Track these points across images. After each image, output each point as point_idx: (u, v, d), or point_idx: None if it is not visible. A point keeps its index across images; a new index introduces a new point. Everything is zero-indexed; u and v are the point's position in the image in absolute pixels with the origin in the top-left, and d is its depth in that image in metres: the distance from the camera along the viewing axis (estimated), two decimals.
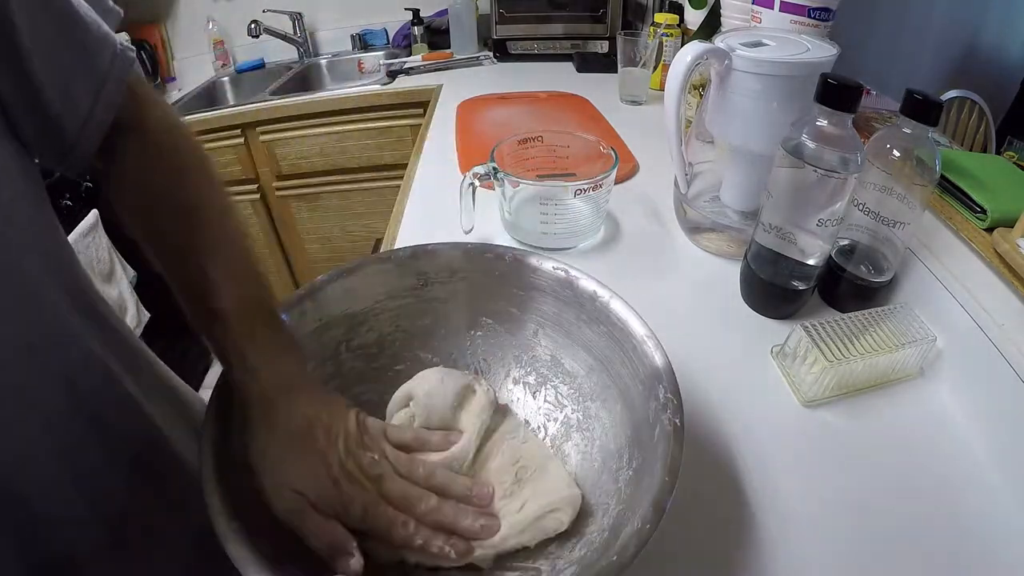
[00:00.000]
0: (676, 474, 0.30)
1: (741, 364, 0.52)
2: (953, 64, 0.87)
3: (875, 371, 0.48)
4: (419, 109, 1.35)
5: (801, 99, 0.50)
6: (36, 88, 0.31)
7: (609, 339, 0.39)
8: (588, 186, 0.61)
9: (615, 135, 0.96)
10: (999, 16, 0.80)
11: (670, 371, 0.35)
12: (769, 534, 0.38)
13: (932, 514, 0.40)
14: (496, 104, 1.12)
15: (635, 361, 0.37)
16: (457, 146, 0.95)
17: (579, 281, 0.41)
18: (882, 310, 0.50)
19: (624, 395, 0.38)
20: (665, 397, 0.34)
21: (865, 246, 0.54)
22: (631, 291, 0.41)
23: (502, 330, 0.45)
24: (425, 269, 0.44)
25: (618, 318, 0.39)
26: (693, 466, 0.42)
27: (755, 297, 0.57)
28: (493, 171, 0.62)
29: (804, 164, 0.46)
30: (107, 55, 0.34)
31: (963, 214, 0.50)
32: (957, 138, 0.72)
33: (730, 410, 0.46)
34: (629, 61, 1.07)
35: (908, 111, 0.46)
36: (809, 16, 0.63)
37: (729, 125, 0.58)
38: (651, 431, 0.34)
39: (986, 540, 0.38)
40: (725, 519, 0.39)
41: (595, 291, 0.40)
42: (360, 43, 1.77)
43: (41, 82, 0.31)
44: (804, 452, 0.44)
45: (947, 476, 0.42)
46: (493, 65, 1.46)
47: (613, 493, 0.35)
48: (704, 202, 0.66)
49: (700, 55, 0.53)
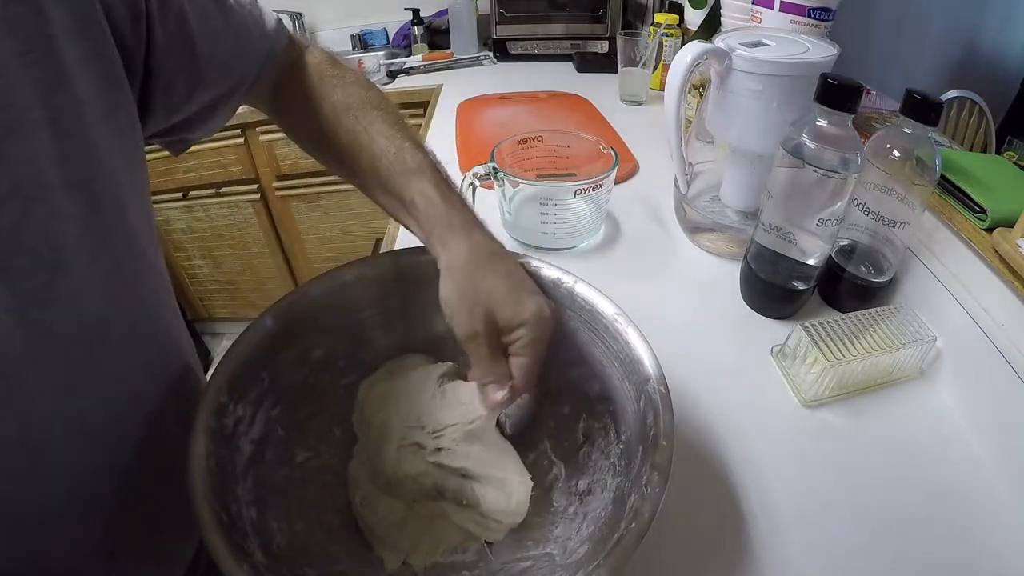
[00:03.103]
0: (672, 437, 0.31)
1: (741, 364, 0.52)
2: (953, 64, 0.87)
3: (875, 371, 0.48)
4: (419, 109, 1.35)
5: (801, 99, 0.50)
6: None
7: (579, 322, 0.40)
8: (588, 186, 0.61)
9: (615, 135, 0.96)
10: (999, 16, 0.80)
11: (649, 351, 0.35)
12: (768, 534, 0.38)
13: (932, 514, 0.40)
14: (496, 104, 1.12)
15: (608, 340, 0.38)
16: (457, 146, 0.95)
17: (541, 271, 0.41)
18: (882, 310, 0.50)
19: (601, 375, 0.39)
20: (646, 371, 0.34)
21: (865, 246, 0.54)
22: (631, 291, 0.41)
23: None
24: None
25: (585, 300, 0.39)
26: (692, 466, 0.42)
27: (755, 297, 0.57)
28: (493, 171, 0.62)
29: (804, 164, 0.46)
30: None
31: (963, 214, 0.50)
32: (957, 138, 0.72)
33: (730, 410, 0.46)
34: (629, 61, 1.07)
35: (908, 111, 0.46)
36: (809, 16, 0.63)
37: (729, 125, 0.58)
38: (636, 404, 0.35)
39: (986, 540, 0.38)
40: (724, 519, 0.39)
41: (558, 278, 0.40)
42: (360, 43, 1.76)
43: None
44: (804, 452, 0.44)
45: (947, 476, 0.42)
46: (493, 65, 1.46)
47: (607, 468, 0.36)
48: (704, 202, 0.66)
49: (700, 55, 0.53)
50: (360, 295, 0.42)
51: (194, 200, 1.56)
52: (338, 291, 0.41)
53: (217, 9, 0.37)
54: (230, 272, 1.75)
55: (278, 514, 0.34)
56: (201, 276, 1.77)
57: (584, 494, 0.37)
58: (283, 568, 0.30)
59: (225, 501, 0.29)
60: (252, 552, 0.28)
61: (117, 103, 0.31)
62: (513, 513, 0.36)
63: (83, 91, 0.28)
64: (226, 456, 0.31)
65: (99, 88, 0.29)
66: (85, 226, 0.29)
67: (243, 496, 0.31)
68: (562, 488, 0.39)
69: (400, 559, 0.36)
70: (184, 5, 0.34)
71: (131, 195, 0.33)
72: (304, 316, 0.39)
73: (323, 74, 0.45)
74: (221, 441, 0.31)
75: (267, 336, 0.37)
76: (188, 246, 1.68)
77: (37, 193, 0.26)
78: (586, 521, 0.35)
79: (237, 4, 0.40)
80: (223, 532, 0.27)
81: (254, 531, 0.30)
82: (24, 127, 0.25)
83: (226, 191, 1.54)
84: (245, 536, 0.29)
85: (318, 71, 0.45)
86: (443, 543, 0.37)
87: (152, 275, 0.35)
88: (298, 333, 0.39)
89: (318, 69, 0.45)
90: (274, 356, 0.37)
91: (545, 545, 0.36)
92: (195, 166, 1.50)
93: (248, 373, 0.35)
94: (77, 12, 0.28)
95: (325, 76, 0.44)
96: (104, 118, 0.30)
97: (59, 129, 0.27)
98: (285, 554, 0.32)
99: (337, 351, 0.41)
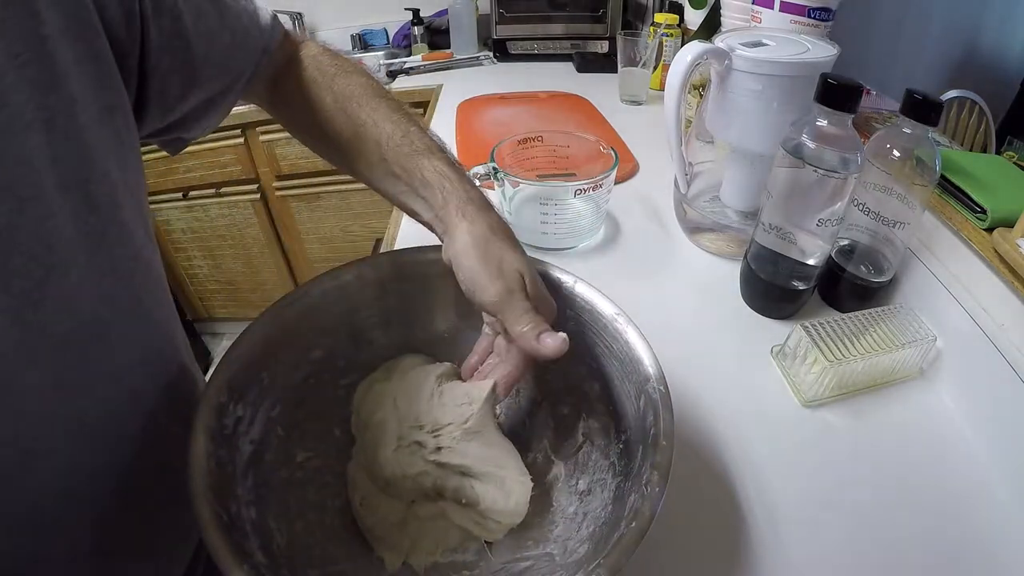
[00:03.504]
0: (672, 437, 0.31)
1: (741, 364, 0.52)
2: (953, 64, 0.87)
3: (875, 371, 0.48)
4: (419, 109, 1.35)
5: (801, 99, 0.50)
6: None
7: (579, 322, 0.40)
8: (588, 186, 0.61)
9: (615, 135, 0.96)
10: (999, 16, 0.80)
11: (649, 350, 0.35)
12: (768, 534, 0.38)
13: (932, 514, 0.40)
14: (496, 104, 1.12)
15: (608, 340, 0.38)
16: (457, 146, 0.95)
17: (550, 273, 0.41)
18: (882, 310, 0.50)
19: (601, 376, 0.39)
20: (646, 371, 0.34)
21: (865, 246, 0.54)
22: (631, 291, 0.41)
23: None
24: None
25: (585, 300, 0.39)
26: (691, 466, 0.42)
27: (755, 297, 0.57)
28: (493, 171, 0.62)
29: (804, 164, 0.46)
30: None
31: (963, 214, 0.50)
32: (957, 138, 0.72)
33: (730, 410, 0.46)
34: (629, 61, 1.07)
35: (908, 111, 0.46)
36: (809, 16, 0.63)
37: (729, 125, 0.58)
38: (636, 403, 0.35)
39: (986, 540, 0.38)
40: (723, 519, 0.39)
41: (558, 278, 0.40)
42: (360, 43, 1.77)
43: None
44: (804, 452, 0.44)
45: (947, 476, 0.42)
46: (493, 65, 1.46)
47: (607, 468, 0.36)
48: (704, 202, 0.66)
49: (700, 55, 0.53)
50: (360, 295, 0.42)
51: (194, 200, 1.56)
52: (338, 291, 0.41)
53: (212, 6, 0.37)
54: (230, 272, 1.75)
55: (278, 514, 0.33)
56: (201, 276, 1.77)
57: (584, 494, 0.37)
58: (283, 568, 0.30)
59: (225, 501, 0.29)
60: (252, 552, 0.28)
61: (112, 103, 0.31)
62: (512, 513, 0.36)
63: (77, 91, 0.28)
64: (226, 456, 0.31)
65: (93, 88, 0.29)
66: (80, 226, 0.29)
67: (243, 496, 0.31)
68: (562, 488, 0.39)
69: (400, 559, 0.36)
70: (178, 3, 0.34)
71: (126, 195, 0.33)
72: (304, 316, 0.39)
73: (322, 65, 0.45)
74: (221, 441, 0.31)
75: (267, 336, 0.37)
76: (188, 246, 1.68)
77: (31, 193, 0.26)
78: (586, 521, 0.35)
79: (232, 1, 0.40)
80: (223, 532, 0.27)
81: (254, 531, 0.30)
82: (18, 128, 0.25)
83: (226, 191, 1.55)
84: (245, 536, 0.29)
85: (316, 63, 0.45)
86: (443, 543, 0.37)
87: (148, 275, 0.35)
88: (298, 333, 0.39)
89: (316, 61, 0.45)
90: (274, 356, 0.37)
91: (545, 545, 0.36)
92: (195, 166, 1.50)
93: (248, 373, 0.35)
94: (70, 13, 0.28)
95: (324, 67, 0.44)
96: (99, 118, 0.30)
97: (53, 130, 0.27)
98: (285, 554, 0.32)
99: (336, 351, 0.41)
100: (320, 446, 0.40)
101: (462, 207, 0.37)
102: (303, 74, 0.44)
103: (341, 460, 0.40)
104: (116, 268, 0.32)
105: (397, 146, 0.40)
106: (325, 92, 0.43)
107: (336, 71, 0.44)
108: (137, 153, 0.35)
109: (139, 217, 0.34)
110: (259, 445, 0.35)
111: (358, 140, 0.41)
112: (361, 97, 0.42)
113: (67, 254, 0.28)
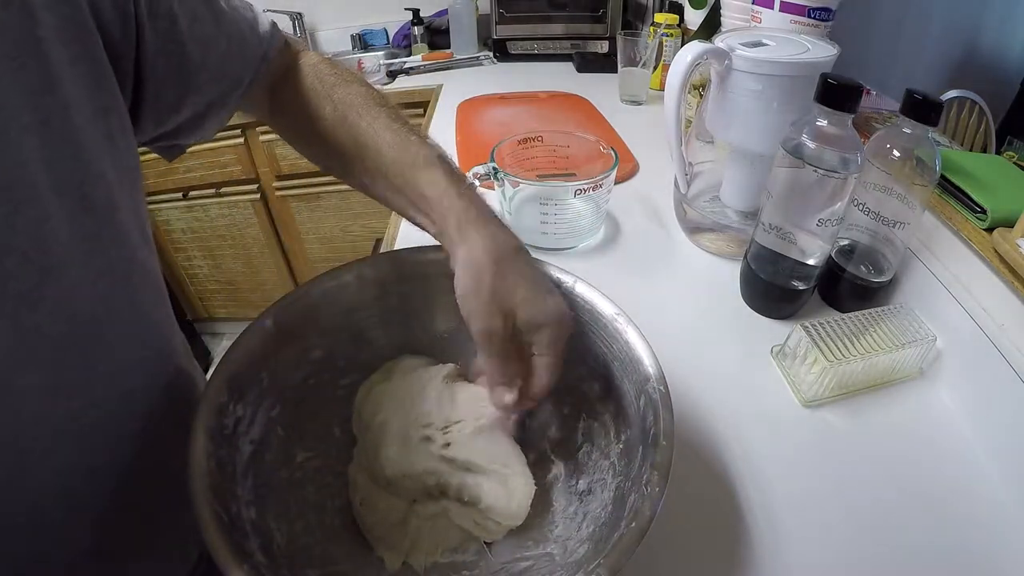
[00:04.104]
0: (672, 437, 0.31)
1: (741, 364, 0.52)
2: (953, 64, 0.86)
3: (875, 371, 0.48)
4: (419, 109, 1.35)
5: (801, 99, 0.50)
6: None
7: (579, 322, 0.39)
8: (588, 186, 0.61)
9: (615, 135, 0.96)
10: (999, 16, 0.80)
11: (649, 350, 0.35)
12: (767, 534, 0.38)
13: (932, 514, 0.40)
14: (496, 104, 1.12)
15: (608, 340, 0.38)
16: (457, 146, 0.95)
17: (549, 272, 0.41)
18: (882, 310, 0.50)
19: (602, 376, 0.39)
20: (646, 371, 0.34)
21: (865, 246, 0.54)
22: (630, 291, 0.41)
23: None
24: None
25: (585, 300, 0.39)
26: (692, 466, 0.42)
27: (755, 297, 0.57)
28: (493, 171, 0.62)
29: (804, 164, 0.46)
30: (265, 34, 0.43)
31: (963, 214, 0.50)
32: (957, 138, 0.72)
33: (730, 410, 0.46)
34: (629, 61, 1.07)
35: (908, 111, 0.46)
36: (809, 16, 0.63)
37: (729, 125, 0.58)
38: (636, 403, 0.35)
39: (986, 540, 0.38)
40: (723, 520, 0.39)
41: (558, 278, 0.40)
42: (360, 43, 1.76)
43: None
44: (804, 452, 0.44)
45: (947, 476, 0.42)
46: (493, 65, 1.46)
47: (607, 468, 0.36)
48: (704, 202, 0.66)
49: (700, 55, 0.53)
50: (360, 295, 0.42)
51: (194, 200, 1.56)
52: (338, 291, 0.41)
53: (208, 12, 0.37)
54: (230, 272, 1.75)
55: (278, 514, 0.33)
56: (201, 276, 1.77)
57: (584, 494, 0.37)
58: (283, 568, 0.30)
59: (225, 501, 0.29)
60: (252, 552, 0.28)
61: (107, 105, 0.31)
62: (513, 515, 0.36)
63: (72, 94, 0.28)
64: (226, 456, 0.31)
65: (88, 90, 0.29)
66: (76, 228, 0.29)
67: (243, 496, 0.31)
68: (562, 488, 0.39)
69: (400, 559, 0.36)
70: (174, 7, 0.34)
71: (122, 197, 0.32)
72: (304, 316, 0.39)
73: (321, 74, 0.44)
74: (221, 441, 0.31)
75: (267, 336, 0.37)
76: (188, 246, 1.68)
77: (27, 195, 0.26)
78: (586, 521, 0.35)
79: (229, 7, 0.39)
80: (223, 532, 0.27)
81: (254, 531, 0.30)
82: (13, 130, 0.25)
83: (226, 191, 1.55)
84: (245, 536, 0.29)
85: (316, 72, 0.44)
86: (443, 543, 0.37)
87: (144, 276, 0.35)
88: (298, 333, 0.39)
89: (316, 70, 0.45)
90: (274, 356, 0.37)
91: (545, 545, 0.36)
92: (195, 166, 1.50)
93: (248, 373, 0.35)
94: (65, 14, 0.28)
95: (324, 76, 0.44)
96: (94, 120, 0.30)
97: (49, 131, 0.27)
98: (285, 554, 0.32)
99: (337, 351, 0.41)
100: (320, 446, 0.40)
101: (461, 227, 0.36)
102: (303, 83, 0.44)
103: (341, 460, 0.40)
104: (113, 269, 0.32)
105: (397, 157, 0.40)
106: (325, 101, 0.43)
107: (336, 80, 0.44)
108: (134, 155, 0.35)
109: (135, 219, 0.34)
110: (259, 445, 0.35)
111: (359, 150, 0.41)
112: (361, 107, 0.42)
113: (63, 256, 0.28)
